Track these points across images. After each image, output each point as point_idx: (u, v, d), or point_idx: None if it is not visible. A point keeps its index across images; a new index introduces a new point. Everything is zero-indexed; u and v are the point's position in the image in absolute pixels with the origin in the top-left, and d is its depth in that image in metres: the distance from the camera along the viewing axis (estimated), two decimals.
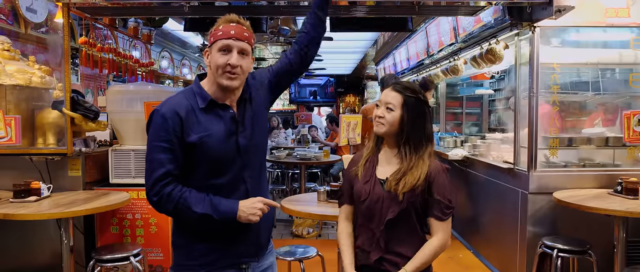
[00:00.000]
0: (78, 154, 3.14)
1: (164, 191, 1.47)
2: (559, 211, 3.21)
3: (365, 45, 9.40)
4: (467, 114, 6.80)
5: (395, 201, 1.63)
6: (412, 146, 1.66)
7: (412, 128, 1.66)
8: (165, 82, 7.50)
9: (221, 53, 1.50)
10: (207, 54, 1.56)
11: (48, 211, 2.53)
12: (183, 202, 1.47)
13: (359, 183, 1.72)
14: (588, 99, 3.53)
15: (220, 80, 1.51)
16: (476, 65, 4.21)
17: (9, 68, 2.93)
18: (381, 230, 1.65)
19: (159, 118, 1.49)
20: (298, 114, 10.18)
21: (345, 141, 3.88)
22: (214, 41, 1.52)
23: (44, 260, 3.11)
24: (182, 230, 1.60)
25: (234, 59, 1.49)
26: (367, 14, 3.36)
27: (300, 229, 4.98)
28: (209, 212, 1.47)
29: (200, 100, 1.53)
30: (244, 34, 1.53)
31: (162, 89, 4.14)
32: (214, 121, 1.53)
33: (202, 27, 3.70)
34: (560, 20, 3.07)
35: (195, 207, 1.46)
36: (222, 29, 1.51)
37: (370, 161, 1.75)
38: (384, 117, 1.68)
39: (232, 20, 1.54)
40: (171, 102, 1.53)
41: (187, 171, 1.52)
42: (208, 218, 1.47)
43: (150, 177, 1.49)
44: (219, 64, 1.49)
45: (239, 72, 1.51)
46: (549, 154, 3.41)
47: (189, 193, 1.48)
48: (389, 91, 1.71)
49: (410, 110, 1.66)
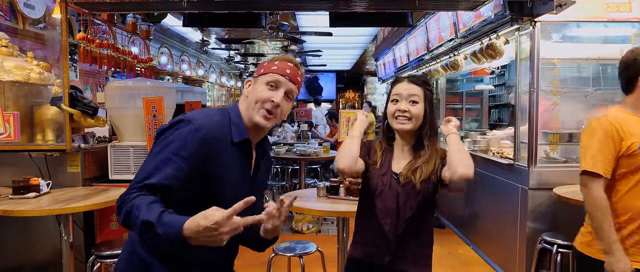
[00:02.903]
0: (77, 150, 3.13)
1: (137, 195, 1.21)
2: (559, 206, 3.21)
3: (365, 40, 9.39)
4: (467, 110, 6.79)
5: (411, 195, 1.60)
6: (431, 137, 1.64)
7: (431, 120, 1.64)
8: (165, 78, 7.49)
9: (268, 87, 1.38)
10: (249, 84, 1.44)
11: (47, 207, 2.52)
12: (136, 204, 1.17)
13: (377, 173, 1.66)
14: (589, 94, 3.52)
15: (254, 115, 1.37)
16: (476, 61, 4.20)
17: (7, 64, 2.92)
18: (397, 228, 1.60)
19: (189, 132, 1.27)
20: (298, 109, 10.18)
21: (345, 137, 3.86)
22: (265, 73, 1.41)
23: (43, 256, 3.11)
24: (130, 262, 1.34)
25: (279, 98, 1.38)
26: (367, 8, 3.34)
27: (300, 225, 4.98)
28: (152, 220, 1.12)
29: (236, 133, 1.36)
30: (297, 78, 1.44)
31: (161, 84, 4.13)
32: (237, 160, 1.37)
33: (201, 22, 3.69)
34: (561, 15, 3.06)
35: (142, 212, 1.14)
36: (278, 64, 1.41)
37: (385, 155, 1.70)
38: (408, 111, 1.61)
39: (292, 61, 1.45)
40: (208, 121, 1.32)
41: (179, 201, 1.25)
42: (149, 229, 1.13)
43: (140, 180, 1.23)
44: (262, 97, 1.37)
45: (277, 113, 1.39)
46: (549, 150, 3.41)
47: (151, 200, 1.19)
48: (406, 84, 1.65)
49: (430, 103, 1.64)
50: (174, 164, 1.24)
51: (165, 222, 1.12)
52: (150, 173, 1.23)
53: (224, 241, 1.12)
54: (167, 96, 3.33)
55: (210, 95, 10.61)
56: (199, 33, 7.37)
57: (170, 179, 1.23)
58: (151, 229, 1.13)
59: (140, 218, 1.14)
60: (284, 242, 2.97)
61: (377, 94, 14.18)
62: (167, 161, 1.24)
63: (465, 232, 4.74)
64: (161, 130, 1.32)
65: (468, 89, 6.61)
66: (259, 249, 1.50)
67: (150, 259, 1.32)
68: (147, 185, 1.22)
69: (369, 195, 1.67)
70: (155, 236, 1.13)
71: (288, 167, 6.65)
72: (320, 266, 2.99)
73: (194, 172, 1.27)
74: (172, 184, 1.23)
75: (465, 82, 6.62)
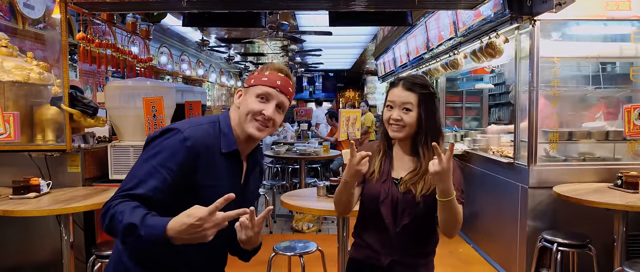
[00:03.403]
0: (77, 150, 3.13)
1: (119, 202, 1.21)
2: (559, 205, 3.21)
3: (365, 40, 9.39)
4: (466, 109, 6.80)
5: (410, 203, 1.56)
6: (428, 144, 1.56)
7: (428, 126, 1.56)
8: (165, 78, 7.49)
9: (258, 99, 1.37)
10: (239, 94, 1.42)
11: (48, 207, 2.53)
12: (119, 209, 1.17)
13: (377, 182, 1.61)
14: (588, 92, 3.52)
15: (247, 126, 1.36)
16: (476, 60, 4.19)
17: (7, 64, 2.92)
18: (396, 233, 1.58)
19: (176, 142, 1.27)
20: (297, 109, 10.17)
21: (345, 136, 3.87)
22: (255, 84, 1.38)
23: (44, 256, 3.11)
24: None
25: (270, 111, 1.36)
26: (367, 8, 3.34)
27: (300, 224, 4.98)
28: (135, 222, 1.12)
29: (224, 143, 1.36)
30: (288, 89, 1.41)
31: (161, 84, 4.13)
32: (226, 170, 1.37)
33: (201, 22, 3.69)
34: (561, 13, 3.06)
35: (126, 216, 1.14)
36: (268, 75, 1.39)
37: (384, 162, 1.65)
38: (401, 120, 1.55)
39: (282, 70, 1.42)
40: (196, 131, 1.31)
41: (165, 208, 1.22)
42: (132, 231, 1.12)
43: (125, 189, 1.23)
44: (253, 109, 1.36)
45: (270, 125, 1.38)
46: (549, 148, 3.41)
47: (134, 205, 1.19)
48: (400, 91, 1.57)
49: (426, 108, 1.55)
50: (159, 175, 1.24)
51: (148, 224, 1.13)
52: (135, 184, 1.23)
53: (208, 237, 1.12)
54: (167, 96, 3.33)
55: (210, 95, 10.61)
56: (198, 33, 7.37)
57: (156, 191, 1.23)
58: (134, 231, 1.12)
59: (124, 222, 1.14)
60: (284, 242, 2.98)
61: (377, 93, 14.19)
62: (153, 171, 1.24)
63: (465, 231, 4.74)
64: (150, 138, 1.32)
65: (468, 87, 6.61)
66: (244, 259, 1.50)
67: (135, 270, 1.33)
68: (132, 195, 1.22)
69: (369, 201, 1.65)
70: (138, 238, 1.12)
71: (288, 166, 6.66)
72: (320, 265, 2.99)
73: (182, 182, 1.27)
74: (157, 196, 1.23)
75: (465, 81, 6.63)
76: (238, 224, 1.28)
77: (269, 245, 2.93)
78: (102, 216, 1.22)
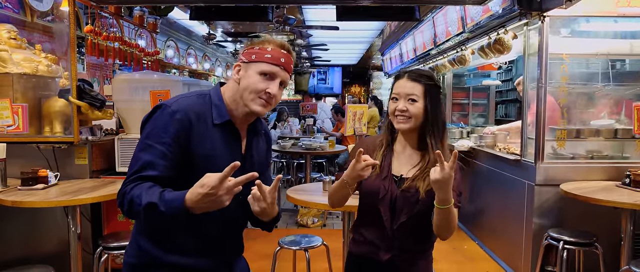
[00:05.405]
0: (85, 143, 3.15)
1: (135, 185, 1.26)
2: (566, 202, 3.19)
3: (372, 35, 9.34)
4: (473, 105, 6.76)
5: (409, 202, 1.55)
6: (436, 136, 1.56)
7: (434, 118, 1.55)
8: (171, 72, 7.51)
9: (262, 77, 1.35)
10: (238, 69, 1.39)
11: (55, 198, 2.55)
12: (135, 193, 1.22)
13: (376, 178, 1.60)
14: (597, 90, 3.49)
15: (251, 104, 1.36)
16: (484, 56, 4.17)
17: (15, 57, 2.94)
18: (394, 230, 1.58)
19: (165, 116, 1.29)
20: (303, 103, 10.16)
21: (351, 131, 3.87)
22: (258, 61, 1.35)
23: (51, 247, 3.14)
24: (135, 248, 1.41)
25: (275, 89, 1.36)
26: (374, 2, 3.33)
27: (305, 218, 5.00)
28: (154, 201, 1.19)
29: (216, 114, 1.37)
30: (291, 66, 1.41)
31: (167, 78, 4.14)
32: (223, 140, 1.37)
33: (208, 15, 3.69)
34: (571, 9, 3.02)
35: (144, 198, 1.20)
36: (271, 52, 1.36)
37: (385, 157, 1.64)
38: (407, 111, 1.54)
39: (284, 47, 1.40)
40: (184, 102, 1.34)
41: (175, 186, 1.27)
42: (153, 209, 1.19)
43: (132, 174, 1.27)
44: (257, 88, 1.34)
45: (272, 102, 1.38)
46: (557, 146, 3.38)
47: (148, 185, 1.24)
48: (405, 82, 1.56)
49: (432, 99, 1.55)
50: (159, 152, 1.27)
51: (167, 199, 1.19)
52: (141, 166, 1.27)
53: (225, 203, 1.17)
54: (174, 89, 3.34)
55: None
56: (205, 26, 7.37)
57: (160, 168, 1.27)
58: (155, 209, 1.19)
59: (143, 203, 1.19)
60: (289, 236, 2.98)
61: (383, 89, 14.13)
62: (153, 150, 1.27)
63: (470, 227, 4.73)
64: (144, 120, 1.34)
65: (475, 84, 6.57)
66: (267, 229, 1.51)
67: (154, 251, 1.38)
68: (142, 177, 1.26)
69: (367, 197, 1.64)
70: (160, 215, 1.19)
71: (293, 161, 6.67)
72: (325, 260, 3.00)
73: (181, 154, 1.30)
74: (164, 174, 1.27)
75: (472, 77, 6.59)
76: (250, 196, 1.28)
77: (274, 239, 2.95)
78: (120, 204, 1.27)
